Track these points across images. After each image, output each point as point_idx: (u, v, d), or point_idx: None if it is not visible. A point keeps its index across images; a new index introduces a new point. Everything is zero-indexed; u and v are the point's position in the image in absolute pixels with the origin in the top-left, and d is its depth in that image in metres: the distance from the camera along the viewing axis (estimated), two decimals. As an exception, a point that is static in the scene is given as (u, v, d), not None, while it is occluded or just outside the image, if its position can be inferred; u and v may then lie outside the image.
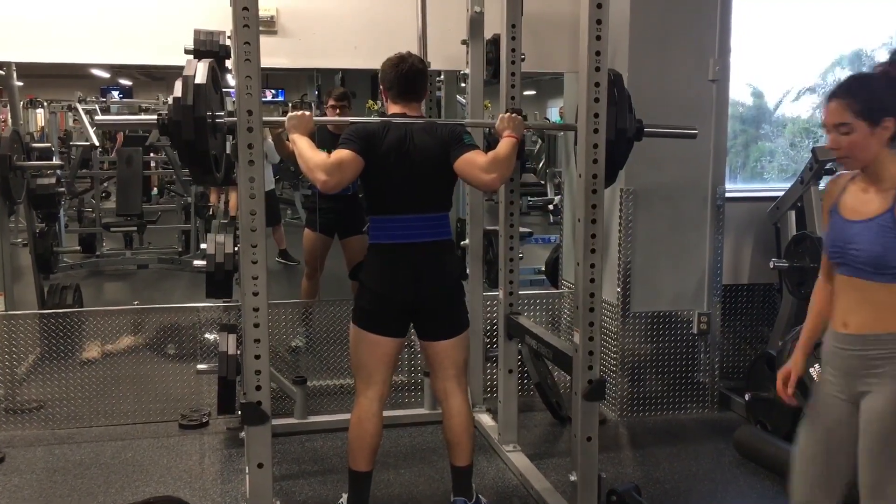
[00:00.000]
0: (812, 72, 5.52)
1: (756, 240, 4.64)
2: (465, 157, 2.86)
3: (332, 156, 2.79)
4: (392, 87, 3.01)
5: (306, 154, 2.78)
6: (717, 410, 4.42)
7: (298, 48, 4.01)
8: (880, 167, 2.10)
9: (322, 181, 2.72)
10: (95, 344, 4.29)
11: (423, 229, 2.95)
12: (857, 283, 2.10)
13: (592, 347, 2.86)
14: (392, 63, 3.00)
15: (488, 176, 2.83)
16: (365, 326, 2.95)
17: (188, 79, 2.62)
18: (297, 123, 2.88)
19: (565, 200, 5.03)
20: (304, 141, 2.83)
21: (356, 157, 2.82)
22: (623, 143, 3.06)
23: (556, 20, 4.21)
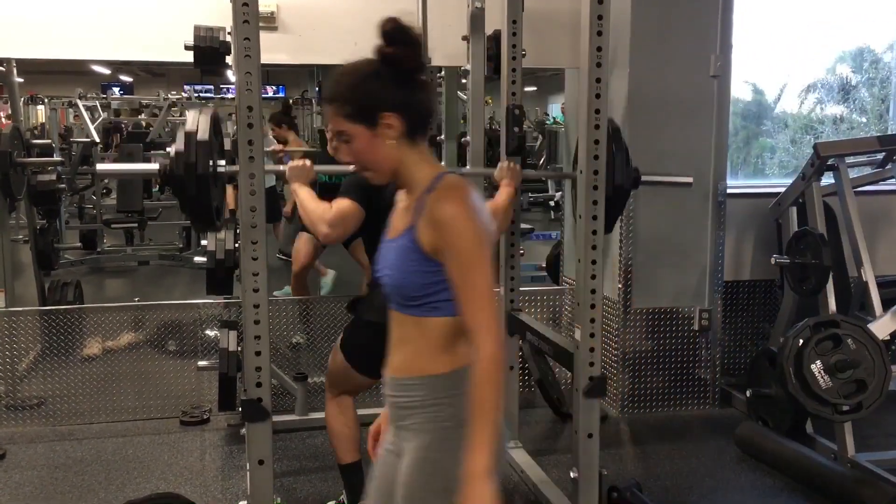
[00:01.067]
0: (813, 68, 5.51)
1: (757, 236, 4.63)
2: None
3: (334, 207, 2.80)
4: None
5: (309, 206, 2.81)
6: (718, 407, 4.42)
7: (298, 44, 4.00)
8: (406, 174, 1.67)
9: (324, 234, 2.76)
10: (96, 340, 4.29)
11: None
12: (395, 315, 1.73)
13: (594, 344, 2.85)
14: None
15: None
16: (357, 367, 2.92)
17: (191, 135, 2.60)
18: (299, 174, 2.89)
19: (566, 197, 5.02)
20: (305, 191, 2.85)
21: (357, 208, 2.83)
22: (621, 195, 3.04)
23: (556, 16, 4.20)
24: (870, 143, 4.09)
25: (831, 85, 5.60)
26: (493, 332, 1.53)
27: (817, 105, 5.75)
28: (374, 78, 1.62)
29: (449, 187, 1.60)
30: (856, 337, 3.40)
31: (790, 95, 5.68)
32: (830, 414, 3.38)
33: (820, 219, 3.91)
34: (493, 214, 2.84)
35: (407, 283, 1.62)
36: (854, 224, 3.85)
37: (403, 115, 1.62)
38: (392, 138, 1.62)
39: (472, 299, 1.54)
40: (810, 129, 5.70)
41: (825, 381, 3.35)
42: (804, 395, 3.37)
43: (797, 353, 3.39)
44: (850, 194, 3.88)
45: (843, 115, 5.73)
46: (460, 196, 1.57)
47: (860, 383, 3.35)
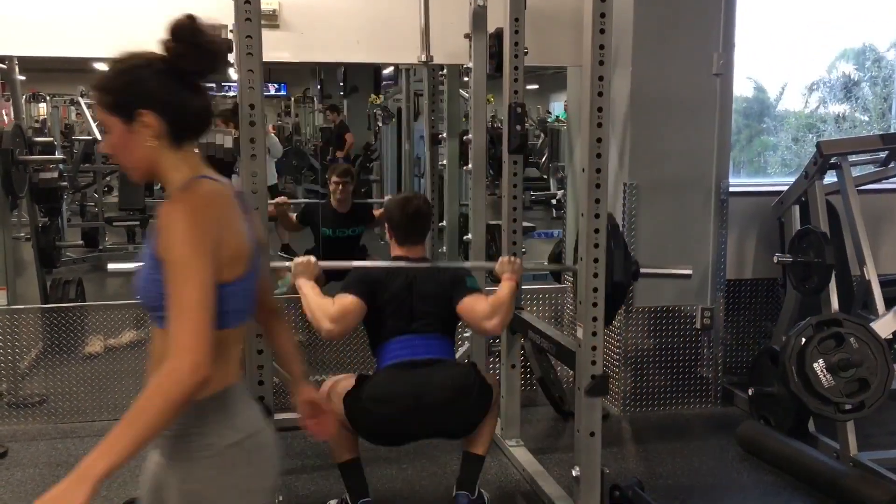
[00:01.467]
0: (815, 66, 5.50)
1: (760, 234, 4.62)
2: (467, 302, 2.91)
3: (336, 302, 2.83)
4: (397, 229, 3.10)
5: (312, 302, 2.83)
6: (720, 405, 4.41)
7: (300, 42, 4.00)
8: (162, 177, 1.55)
9: (327, 329, 2.79)
10: (98, 338, 4.29)
11: (423, 348, 2.95)
12: (153, 329, 1.57)
13: (596, 343, 2.85)
14: (398, 204, 3.11)
15: (489, 323, 2.86)
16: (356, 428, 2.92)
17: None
18: (304, 270, 2.93)
19: (568, 195, 5.02)
20: (309, 287, 2.88)
21: (360, 304, 2.86)
22: (620, 291, 3.03)
23: (558, 14, 4.19)
24: (873, 141, 4.08)
25: (833, 83, 5.60)
26: (188, 350, 1.38)
27: (820, 103, 5.74)
28: (142, 72, 1.52)
29: (182, 192, 1.49)
30: (858, 336, 3.39)
31: (792, 93, 5.67)
32: (833, 413, 3.37)
33: (823, 217, 3.91)
34: (495, 308, 2.85)
35: (147, 291, 1.50)
36: (857, 223, 3.84)
37: (165, 116, 1.50)
38: (149, 137, 1.50)
39: (175, 312, 1.40)
40: (812, 128, 5.70)
41: (827, 379, 3.35)
42: (806, 393, 3.37)
43: (799, 352, 3.38)
44: (853, 193, 3.87)
45: (846, 113, 5.73)
46: (186, 202, 1.46)
47: (862, 382, 3.34)
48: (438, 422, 2.91)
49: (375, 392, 2.85)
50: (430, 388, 2.82)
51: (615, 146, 4.19)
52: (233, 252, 1.49)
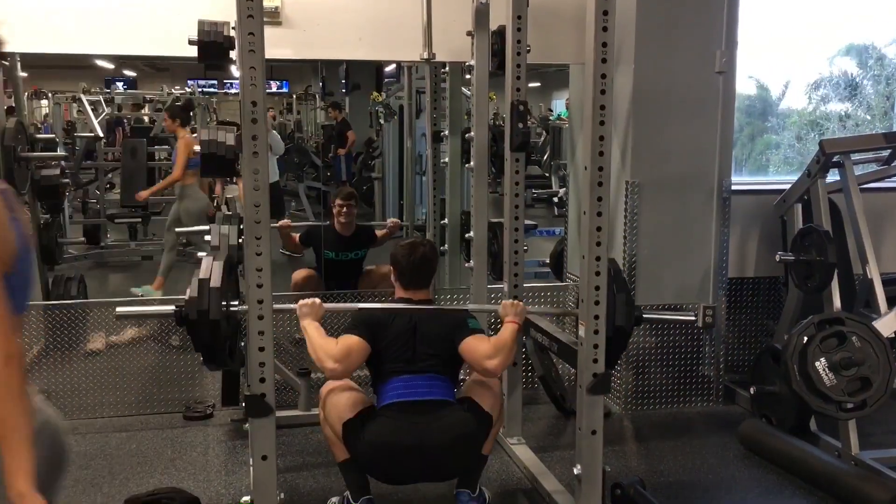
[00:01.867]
0: (818, 64, 5.49)
1: (762, 233, 4.62)
2: (470, 343, 2.94)
3: (340, 343, 2.86)
4: (403, 274, 3.15)
5: (316, 342, 2.86)
6: (721, 404, 4.41)
7: (302, 39, 4.00)
8: None
9: (330, 368, 2.82)
10: (100, 335, 4.29)
11: (424, 388, 2.97)
12: None
13: (597, 341, 2.85)
14: (405, 252, 3.15)
15: (491, 363, 2.88)
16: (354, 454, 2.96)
17: (204, 283, 2.64)
18: (309, 311, 2.95)
19: (570, 193, 5.01)
20: (314, 327, 2.91)
21: (363, 344, 2.91)
22: (622, 336, 3.01)
23: (560, 11, 4.19)
24: (875, 139, 4.07)
25: (837, 81, 5.59)
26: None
27: (822, 102, 5.73)
28: None
29: None
30: (860, 334, 3.39)
31: (795, 92, 5.66)
32: (834, 411, 3.37)
33: (825, 216, 3.90)
34: (497, 348, 2.88)
35: None
36: (859, 221, 3.84)
37: None
38: None
39: None
40: (815, 126, 5.69)
41: (829, 378, 3.34)
42: (808, 392, 3.37)
43: (801, 351, 3.38)
44: (856, 191, 3.87)
45: (849, 111, 5.72)
46: None
47: (864, 381, 3.34)
48: (440, 469, 2.98)
49: (376, 439, 2.87)
50: (431, 440, 2.84)
51: (617, 144, 4.18)
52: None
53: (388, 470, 2.94)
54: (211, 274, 2.68)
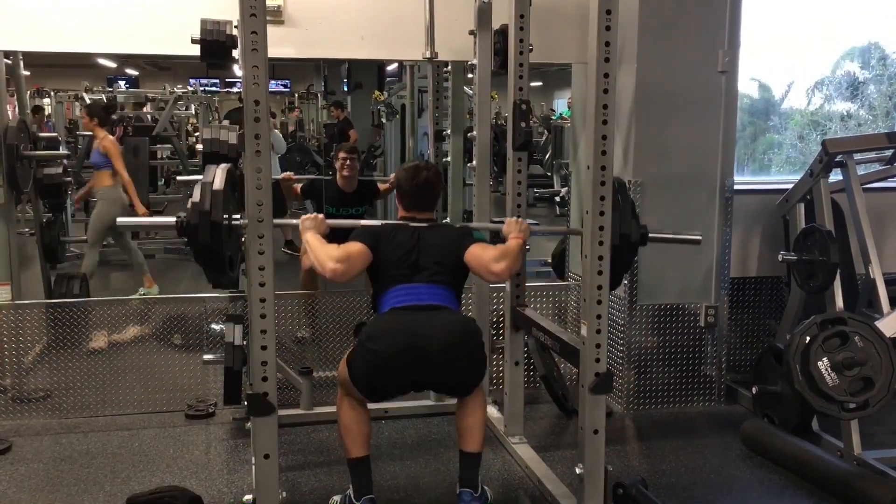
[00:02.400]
0: (821, 64, 5.48)
1: (764, 233, 4.61)
2: (475, 249, 2.97)
3: (342, 247, 2.88)
4: (406, 196, 3.16)
5: (317, 248, 2.88)
6: (723, 403, 4.41)
7: (305, 38, 4.00)
8: None
9: (331, 269, 2.81)
10: (102, 334, 4.29)
11: (427, 294, 2.97)
12: None
13: (600, 340, 2.85)
14: (408, 174, 3.15)
15: (497, 265, 2.88)
16: (358, 387, 2.93)
17: (206, 185, 2.65)
18: (311, 225, 2.98)
19: (572, 192, 5.01)
20: (315, 237, 2.94)
21: (366, 251, 2.93)
22: (627, 248, 3.04)
23: (563, 10, 4.19)
24: (878, 139, 4.06)
25: (839, 81, 5.58)
26: None
27: (825, 101, 5.72)
28: None
29: None
30: (863, 334, 3.38)
31: (798, 91, 5.65)
32: (837, 412, 3.36)
33: (828, 215, 3.90)
34: (504, 254, 2.90)
35: None
36: (862, 221, 3.83)
37: None
38: None
39: None
40: (818, 126, 5.68)
41: (832, 378, 3.34)
42: (811, 392, 3.36)
43: (804, 351, 3.37)
44: (859, 191, 3.87)
45: (851, 111, 5.71)
46: None
47: (867, 381, 3.34)
48: (435, 367, 2.85)
49: (373, 330, 2.88)
50: (429, 331, 2.81)
51: (620, 143, 4.18)
52: None
53: (383, 366, 2.83)
54: (214, 178, 2.68)
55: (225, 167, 2.78)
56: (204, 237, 2.61)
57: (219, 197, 2.63)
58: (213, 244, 2.64)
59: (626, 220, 3.02)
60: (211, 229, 2.61)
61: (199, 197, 2.62)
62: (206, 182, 2.66)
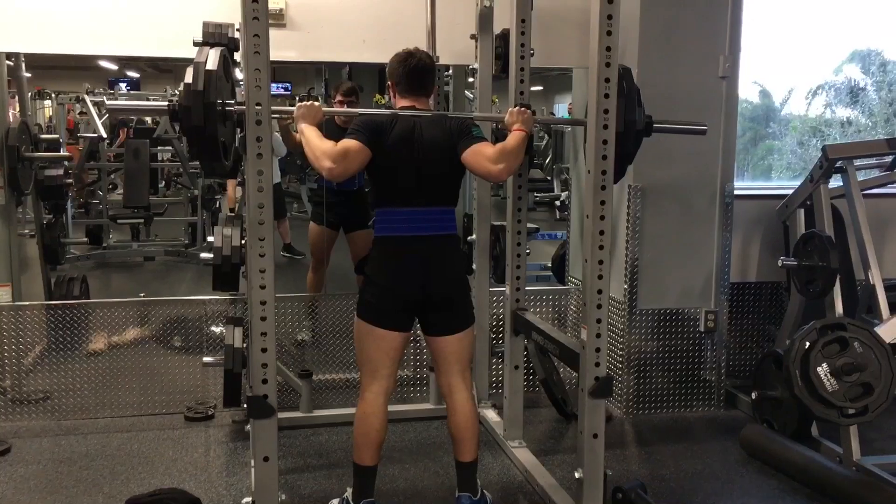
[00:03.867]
0: (821, 70, 5.49)
1: (764, 238, 4.62)
2: (473, 148, 2.87)
3: (339, 145, 2.80)
4: (400, 82, 3.04)
5: (313, 142, 2.80)
6: (723, 408, 4.41)
7: (307, 41, 4.01)
8: None
9: (328, 168, 2.74)
10: (102, 335, 4.29)
11: (429, 223, 2.95)
12: None
13: (600, 344, 2.85)
14: (400, 59, 3.03)
15: (496, 167, 2.83)
16: (370, 320, 2.95)
17: (199, 65, 2.62)
18: (307, 113, 2.89)
19: (572, 196, 5.01)
20: (311, 130, 2.86)
21: (363, 148, 2.83)
22: (632, 136, 3.03)
23: (564, 15, 4.20)
24: (878, 145, 4.07)
25: (839, 87, 5.59)
26: None
27: (825, 107, 5.72)
28: None
29: None
30: (862, 340, 3.38)
31: (797, 98, 5.66)
32: (836, 417, 3.36)
33: (828, 221, 3.90)
34: (503, 153, 2.84)
35: None
36: (862, 227, 3.84)
37: None
38: None
39: None
40: (817, 132, 5.68)
41: (831, 384, 3.34)
42: (810, 397, 3.36)
43: (804, 356, 3.37)
44: (859, 197, 3.87)
45: (851, 118, 5.71)
46: None
47: (866, 387, 3.34)
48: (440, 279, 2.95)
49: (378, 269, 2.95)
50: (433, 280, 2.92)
51: (620, 148, 4.18)
52: None
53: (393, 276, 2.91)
54: (207, 59, 2.63)
55: (219, 49, 2.73)
56: (197, 119, 2.56)
57: (212, 76, 2.57)
58: (207, 127, 2.58)
59: (630, 106, 2.97)
60: (205, 111, 2.55)
61: (192, 78, 2.55)
62: (199, 62, 2.60)
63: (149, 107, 2.84)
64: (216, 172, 3.00)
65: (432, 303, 2.97)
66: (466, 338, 3.05)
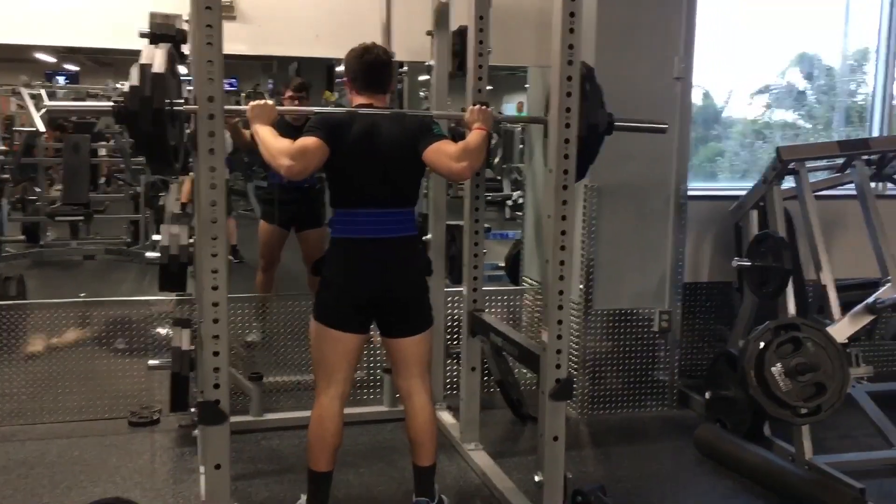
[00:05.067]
0: (763, 73, 5.56)
1: (715, 239, 4.65)
2: (435, 146, 2.81)
3: (297, 142, 2.72)
4: (357, 78, 2.95)
5: (269, 141, 2.71)
6: (676, 408, 4.43)
7: (257, 35, 3.91)
8: None
9: (287, 166, 2.65)
10: (40, 337, 4.12)
11: (388, 224, 2.88)
12: None
13: (561, 346, 2.81)
14: (356, 54, 2.95)
15: (458, 165, 2.77)
16: (327, 322, 2.87)
17: (146, 67, 2.52)
18: (260, 112, 2.80)
19: (527, 196, 4.99)
20: (266, 129, 2.77)
21: (321, 145, 2.74)
22: (594, 138, 3.01)
23: (521, 13, 4.16)
24: (831, 147, 4.13)
25: (780, 91, 5.67)
26: None
27: (766, 110, 5.80)
28: None
29: None
30: (815, 340, 3.42)
31: (739, 100, 5.72)
32: (790, 417, 3.39)
33: (780, 222, 3.94)
34: (465, 151, 2.78)
35: None
36: (814, 228, 3.88)
37: None
38: None
39: None
40: (759, 135, 5.75)
41: (785, 383, 3.36)
42: (765, 397, 3.38)
43: (758, 356, 3.39)
44: (811, 198, 3.92)
45: (793, 120, 5.80)
46: None
47: (819, 386, 3.37)
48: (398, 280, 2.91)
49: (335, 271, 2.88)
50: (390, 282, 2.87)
51: (576, 148, 4.16)
52: None
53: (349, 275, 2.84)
54: (154, 61, 2.53)
55: (165, 47, 2.63)
56: (146, 125, 2.47)
57: (161, 81, 2.49)
58: (157, 133, 2.50)
59: (594, 108, 2.94)
60: (153, 117, 2.46)
61: (139, 80, 2.46)
62: (145, 64, 2.51)
63: (92, 107, 2.72)
64: (166, 173, 2.90)
65: (391, 305, 2.90)
66: (425, 340, 2.99)
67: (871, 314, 3.74)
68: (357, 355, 2.94)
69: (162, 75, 2.52)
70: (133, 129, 2.52)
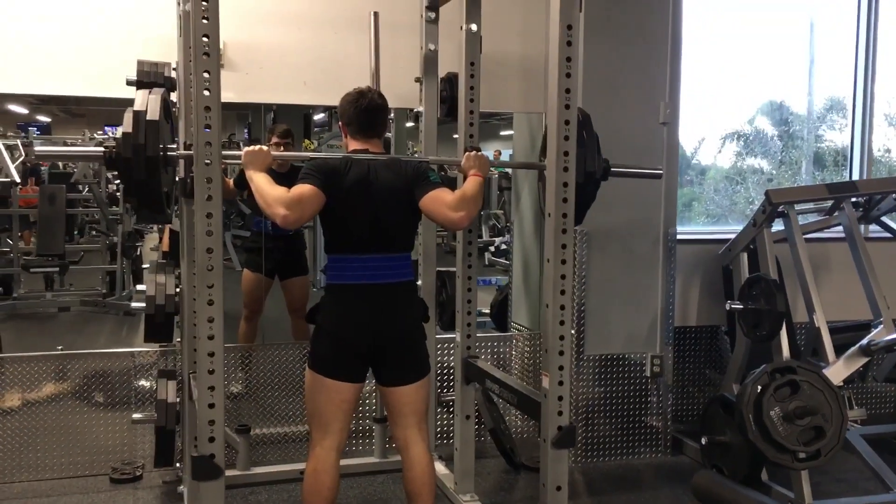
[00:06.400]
0: (732, 121, 5.66)
1: (703, 282, 4.64)
2: (431, 194, 2.78)
3: (293, 190, 2.68)
4: (351, 123, 2.93)
5: (264, 189, 2.67)
6: (670, 454, 4.37)
7: (245, 82, 3.88)
8: None
9: (283, 216, 2.60)
10: (16, 392, 3.97)
11: (384, 270, 2.83)
12: None
13: (562, 392, 2.76)
14: (351, 99, 2.93)
15: (456, 214, 2.74)
16: (322, 371, 2.79)
17: (139, 114, 2.47)
18: (254, 158, 2.76)
19: (515, 241, 4.96)
20: (261, 176, 2.72)
21: (317, 192, 2.70)
22: (592, 184, 3.01)
23: (507, 60, 4.19)
24: (819, 190, 4.16)
25: (749, 137, 5.76)
26: None
27: (738, 157, 5.89)
28: None
29: None
30: (812, 383, 3.40)
31: (710, 146, 5.81)
32: (790, 462, 3.36)
33: (772, 264, 3.94)
34: (462, 199, 2.76)
35: None
36: (805, 270, 3.88)
37: None
38: None
39: None
40: (731, 180, 5.83)
41: (784, 427, 3.33)
42: (764, 442, 3.35)
43: (756, 400, 3.36)
44: (801, 240, 3.93)
45: (762, 167, 5.89)
46: None
47: (818, 430, 3.34)
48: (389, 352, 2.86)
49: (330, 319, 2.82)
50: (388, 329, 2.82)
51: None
52: None
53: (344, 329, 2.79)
54: (147, 107, 2.47)
55: (158, 92, 2.59)
56: (139, 174, 2.42)
57: (154, 128, 2.44)
58: (151, 181, 2.45)
59: (591, 156, 2.96)
60: (147, 165, 2.42)
61: (132, 127, 2.42)
62: (138, 111, 2.46)
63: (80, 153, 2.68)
64: (156, 220, 2.86)
65: (387, 353, 2.84)
66: (423, 388, 2.92)
67: (865, 356, 3.73)
68: (353, 405, 2.87)
69: (156, 122, 2.48)
70: (125, 176, 2.47)
